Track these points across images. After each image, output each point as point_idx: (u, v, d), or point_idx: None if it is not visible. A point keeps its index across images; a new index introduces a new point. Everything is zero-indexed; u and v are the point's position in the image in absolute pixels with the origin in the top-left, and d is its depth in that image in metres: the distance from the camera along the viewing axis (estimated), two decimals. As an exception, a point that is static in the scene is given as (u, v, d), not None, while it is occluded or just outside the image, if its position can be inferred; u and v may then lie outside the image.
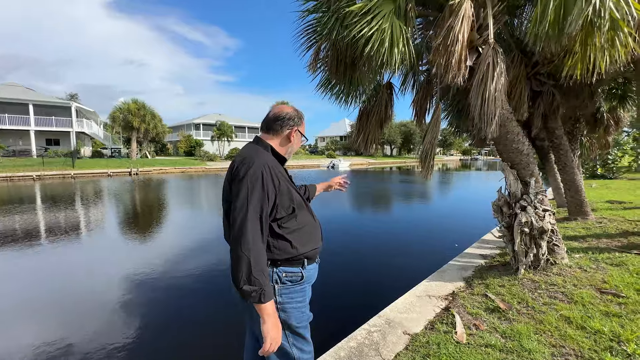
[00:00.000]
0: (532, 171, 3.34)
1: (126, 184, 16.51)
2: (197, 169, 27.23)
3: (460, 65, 2.54)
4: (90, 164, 23.52)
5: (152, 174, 23.14)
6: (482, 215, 8.50)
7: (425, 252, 5.46)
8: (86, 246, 6.04)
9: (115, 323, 3.22)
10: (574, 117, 7.18)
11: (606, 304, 2.54)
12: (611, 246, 3.94)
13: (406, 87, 4.81)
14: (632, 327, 2.18)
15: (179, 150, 37.43)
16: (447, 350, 2.09)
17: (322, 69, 3.47)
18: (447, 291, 3.08)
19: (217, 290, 3.97)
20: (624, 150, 14.64)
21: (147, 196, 12.62)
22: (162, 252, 5.48)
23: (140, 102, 29.07)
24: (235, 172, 1.22)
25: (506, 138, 3.33)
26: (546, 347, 2.06)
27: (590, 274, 3.11)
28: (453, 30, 2.41)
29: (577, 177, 5.68)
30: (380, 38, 2.48)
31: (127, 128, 28.78)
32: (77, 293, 3.97)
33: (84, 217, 8.44)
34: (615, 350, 1.97)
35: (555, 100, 5.46)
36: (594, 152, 10.29)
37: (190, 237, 6.72)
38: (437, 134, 3.57)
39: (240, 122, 44.97)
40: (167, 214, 9.19)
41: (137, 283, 4.15)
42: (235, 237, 1.14)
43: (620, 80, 6.96)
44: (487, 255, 4.13)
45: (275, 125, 1.37)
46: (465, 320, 2.51)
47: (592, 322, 2.28)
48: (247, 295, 1.12)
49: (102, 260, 5.24)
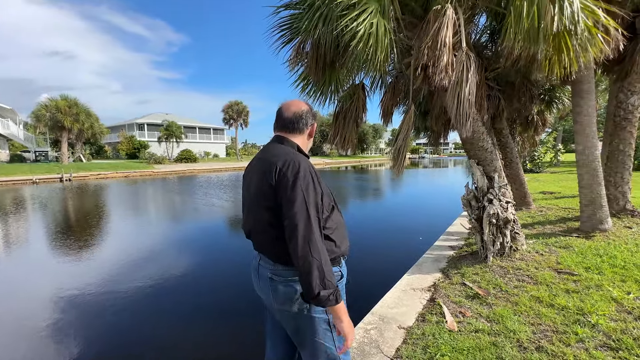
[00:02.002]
0: (495, 167, 3.66)
1: (57, 192, 14.47)
2: (143, 172, 24.97)
3: (448, 67, 2.68)
4: (8, 169, 20.17)
5: (89, 180, 20.64)
6: (441, 209, 9.15)
7: (394, 249, 5.67)
8: (10, 263, 5.13)
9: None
10: (511, 118, 8.09)
11: (565, 282, 2.88)
12: (555, 231, 4.50)
13: (374, 88, 4.96)
14: (590, 301, 2.51)
15: (120, 153, 34.01)
16: (443, 340, 2.18)
17: (301, 66, 3.41)
18: (428, 283, 3.23)
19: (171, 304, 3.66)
20: (547, 147, 16.90)
21: (83, 205, 11.20)
22: (111, 269, 4.89)
23: (71, 99, 25.75)
24: (282, 176, 1.15)
25: (473, 137, 3.60)
26: (527, 326, 2.26)
27: (546, 257, 3.51)
28: (440, 33, 2.53)
29: (520, 172, 6.40)
30: (368, 33, 2.51)
31: (55, 128, 25.27)
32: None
33: (7, 232, 7.18)
34: (582, 323, 2.24)
35: (501, 104, 6.09)
36: (526, 149, 11.71)
37: (137, 247, 6.11)
38: (409, 132, 3.72)
39: (191, 122, 42.43)
40: (109, 223, 8.25)
41: (67, 303, 3.64)
42: (302, 244, 1.07)
43: (547, 87, 8.00)
44: (455, 246, 4.42)
45: (300, 124, 1.32)
46: (451, 309, 2.64)
47: (558, 300, 2.57)
48: (325, 300, 1.07)
49: (30, 279, 4.50)
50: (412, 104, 3.76)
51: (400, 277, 3.44)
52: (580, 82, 4.12)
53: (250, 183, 1.29)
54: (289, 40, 3.59)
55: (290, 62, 3.20)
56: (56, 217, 9.03)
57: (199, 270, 4.75)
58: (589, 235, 4.10)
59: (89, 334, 3.07)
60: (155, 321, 3.30)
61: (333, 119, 4.08)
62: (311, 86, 3.61)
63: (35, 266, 5.11)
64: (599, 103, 14.16)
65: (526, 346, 2.05)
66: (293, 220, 1.09)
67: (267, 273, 1.24)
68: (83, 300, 3.71)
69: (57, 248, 5.94)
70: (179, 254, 5.63)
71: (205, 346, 2.84)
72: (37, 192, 14.61)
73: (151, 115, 41.48)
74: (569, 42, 2.39)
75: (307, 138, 1.37)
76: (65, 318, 3.33)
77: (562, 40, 2.40)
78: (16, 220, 8.52)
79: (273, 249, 1.21)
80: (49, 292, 3.97)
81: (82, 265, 5.00)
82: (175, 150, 33.89)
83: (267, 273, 1.24)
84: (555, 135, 17.73)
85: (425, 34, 2.68)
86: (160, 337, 3.02)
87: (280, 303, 1.22)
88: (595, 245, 3.69)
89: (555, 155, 17.17)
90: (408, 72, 3.63)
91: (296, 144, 1.32)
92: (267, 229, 1.21)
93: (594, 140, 4.14)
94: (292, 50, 3.19)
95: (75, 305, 3.60)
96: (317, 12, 2.82)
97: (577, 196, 4.29)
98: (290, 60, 3.20)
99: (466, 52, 2.91)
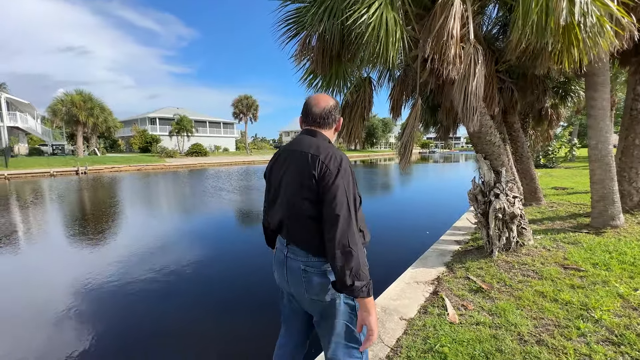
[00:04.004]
0: (503, 161, 3.62)
1: (74, 184, 14.95)
2: (155, 166, 25.50)
3: (456, 59, 2.66)
4: (27, 162, 20.89)
5: (103, 173, 21.22)
6: (448, 203, 9.08)
7: (401, 241, 5.69)
8: (42, 253, 5.38)
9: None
10: (524, 112, 7.90)
11: (570, 278, 2.86)
12: (565, 227, 4.43)
13: (382, 82, 4.92)
14: (595, 297, 2.49)
15: (133, 147, 34.72)
16: (444, 331, 2.21)
17: (307, 60, 3.42)
18: (432, 276, 3.25)
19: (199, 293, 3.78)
20: (562, 142, 16.46)
21: (101, 196, 11.55)
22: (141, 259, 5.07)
23: (86, 94, 26.35)
24: (325, 168, 1.18)
25: (480, 131, 3.56)
26: (528, 320, 2.27)
27: (552, 252, 3.47)
28: (447, 26, 2.51)
29: (531, 167, 6.28)
30: (378, 25, 2.50)
31: (71, 122, 25.97)
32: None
33: (31, 223, 7.50)
34: (585, 318, 2.23)
35: (514, 97, 5.96)
36: (539, 144, 11.43)
37: (164, 240, 6.30)
38: (415, 127, 3.71)
39: (201, 116, 42.88)
40: (125, 213, 8.50)
41: (94, 294, 3.81)
42: (342, 234, 1.10)
43: (562, 80, 7.76)
44: (460, 241, 4.41)
45: (330, 119, 1.36)
46: (453, 302, 2.67)
47: (562, 295, 2.56)
48: (358, 291, 1.11)
49: (51, 266, 4.71)
50: (419, 98, 3.73)
51: (405, 270, 3.47)
52: (595, 75, 4.00)
53: (284, 175, 1.30)
54: (295, 34, 3.60)
55: (296, 56, 3.22)
56: (76, 208, 9.37)
57: (208, 260, 4.88)
58: (599, 231, 4.02)
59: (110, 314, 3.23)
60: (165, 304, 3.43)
61: (340, 113, 4.09)
62: (317, 80, 3.63)
63: (56, 254, 5.35)
64: (618, 96, 13.67)
65: (527, 339, 2.06)
66: (335, 211, 1.11)
67: (298, 265, 1.26)
68: (103, 283, 3.89)
69: (79, 236, 6.18)
70: (190, 242, 5.79)
71: (218, 336, 2.95)
72: (56, 184, 15.13)
73: (163, 110, 42.09)
74: (579, 35, 2.33)
75: (334, 132, 1.42)
76: (85, 299, 3.50)
77: (571, 33, 2.34)
78: (40, 211, 8.88)
79: (311, 240, 1.23)
80: (68, 277, 4.17)
81: (103, 252, 5.20)
82: (186, 144, 34.41)
83: (298, 265, 1.26)
84: (571, 129, 17.20)
85: (433, 25, 2.65)
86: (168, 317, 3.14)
87: (315, 294, 1.25)
88: (605, 242, 3.63)
89: (570, 150, 16.70)
90: (415, 66, 3.60)
91: (327, 137, 1.36)
92: (305, 220, 1.22)
93: (608, 135, 4.04)
94: (298, 44, 3.20)
95: (96, 288, 3.77)
96: (323, 5, 2.83)
97: (590, 192, 4.20)
98: (296, 54, 3.21)
99: (474, 44, 2.88)
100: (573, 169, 14.18)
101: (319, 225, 1.17)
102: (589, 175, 4.27)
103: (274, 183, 1.36)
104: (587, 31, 2.29)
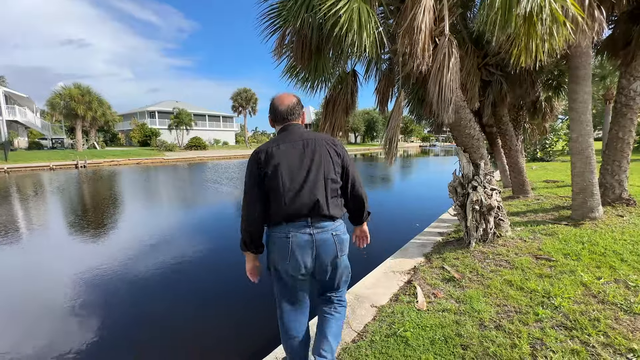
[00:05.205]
0: (482, 154, 3.68)
1: (73, 178, 15.08)
2: (154, 159, 25.60)
3: (424, 53, 2.70)
4: (27, 156, 21.03)
5: (102, 166, 21.35)
6: (439, 196, 9.14)
7: (389, 233, 5.79)
8: (45, 245, 5.52)
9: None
10: (517, 105, 7.90)
11: (540, 267, 2.94)
12: (546, 219, 4.51)
13: (369, 75, 4.94)
14: (559, 285, 2.58)
15: (132, 140, 34.79)
16: (410, 318, 2.31)
17: (287, 55, 3.46)
18: (409, 266, 3.35)
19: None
20: (559, 135, 16.41)
21: (100, 190, 11.68)
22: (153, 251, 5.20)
23: (84, 88, 26.30)
24: (341, 147, 1.63)
25: (459, 124, 3.62)
26: (492, 307, 2.36)
27: (528, 243, 3.56)
28: (416, 19, 2.55)
29: (520, 160, 6.33)
30: (350, 18, 2.54)
31: (70, 116, 26.00)
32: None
33: (31, 216, 7.64)
34: (546, 304, 2.32)
35: (502, 89, 5.97)
36: (535, 137, 11.42)
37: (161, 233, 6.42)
38: (399, 120, 3.75)
39: (201, 110, 42.80)
40: (123, 206, 8.63)
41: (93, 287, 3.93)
42: (361, 185, 1.66)
43: (556, 73, 7.74)
44: (443, 233, 4.50)
45: (296, 113, 1.66)
46: (425, 290, 2.76)
47: (528, 283, 2.65)
48: (368, 215, 1.77)
49: (52, 258, 4.84)
50: (401, 91, 3.77)
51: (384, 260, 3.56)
52: (577, 68, 4.03)
53: (313, 162, 1.51)
54: (278, 27, 3.63)
55: (276, 51, 3.26)
56: (75, 201, 9.49)
57: (208, 251, 5.00)
58: (577, 223, 4.10)
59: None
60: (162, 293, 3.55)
61: (323, 107, 4.14)
62: (298, 75, 3.67)
63: (57, 246, 5.48)
64: (613, 89, 13.58)
65: (487, 325, 2.15)
66: (357, 176, 1.64)
67: (329, 234, 1.52)
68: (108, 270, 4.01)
69: (78, 227, 6.31)
70: (188, 233, 5.91)
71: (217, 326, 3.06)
72: (55, 177, 15.27)
73: (162, 103, 42.01)
74: (536, 29, 2.36)
75: (302, 123, 1.71)
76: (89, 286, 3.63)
77: (530, 27, 2.37)
78: (40, 204, 9.01)
79: (339, 207, 1.59)
80: (68, 268, 4.30)
81: (104, 243, 5.33)
82: (185, 138, 34.44)
83: (329, 234, 1.52)
84: (569, 123, 17.12)
85: (404, 19, 2.69)
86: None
87: (343, 250, 1.58)
88: (581, 233, 3.71)
89: (567, 143, 16.65)
90: (396, 59, 3.64)
91: None
92: (336, 192, 1.55)
93: (589, 128, 4.08)
94: (277, 40, 3.24)
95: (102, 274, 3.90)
96: (299, 0, 2.86)
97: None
98: (276, 49, 3.25)
99: (449, 37, 2.91)
100: (569, 162, 14.19)
101: (341, 193, 1.58)
102: (571, 168, 4.32)
103: (295, 173, 1.48)
104: (542, 26, 2.33)
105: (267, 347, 2.21)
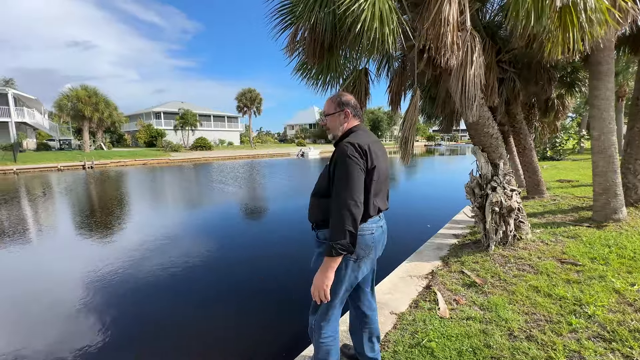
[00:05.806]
0: (500, 154, 3.54)
1: (81, 179, 15.17)
2: (160, 160, 25.71)
3: (453, 47, 2.58)
4: (35, 157, 21.23)
5: (109, 167, 21.48)
6: (448, 197, 8.98)
7: (401, 235, 5.66)
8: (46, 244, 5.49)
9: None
10: (529, 103, 7.71)
11: (566, 272, 2.81)
12: (565, 220, 4.35)
13: (380, 73, 4.82)
14: (590, 292, 2.44)
15: (139, 141, 35.01)
16: (433, 326, 2.19)
17: (299, 53, 3.36)
18: (426, 270, 3.22)
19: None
20: (569, 134, 16.09)
21: (108, 190, 11.71)
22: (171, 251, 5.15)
23: (91, 89, 26.49)
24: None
25: (478, 122, 3.48)
26: (520, 315, 2.24)
27: (551, 246, 3.41)
28: (443, 12, 2.43)
29: (534, 159, 6.16)
30: (372, 13, 2.42)
31: (77, 117, 26.22)
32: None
33: (41, 217, 7.65)
34: (578, 313, 2.19)
35: (516, 87, 5.80)
36: (545, 135, 11.18)
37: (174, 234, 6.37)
38: (415, 120, 3.63)
39: (206, 110, 42.93)
40: (131, 207, 8.61)
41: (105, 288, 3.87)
42: None
43: (569, 70, 7.54)
44: (459, 235, 4.37)
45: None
46: (445, 296, 2.64)
47: (556, 290, 2.51)
48: None
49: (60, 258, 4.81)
50: (417, 89, 3.64)
51: (400, 264, 3.44)
52: (599, 64, 3.86)
53: (385, 163, 1.59)
54: (290, 24, 3.53)
55: (287, 49, 3.16)
56: (83, 202, 9.51)
57: (215, 251, 4.93)
58: (600, 225, 3.94)
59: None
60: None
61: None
62: (310, 72, 3.56)
63: (64, 246, 5.45)
64: (630, 86, 13.28)
65: (516, 335, 2.03)
66: None
67: (386, 226, 1.69)
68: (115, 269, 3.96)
69: (86, 228, 6.29)
70: (193, 234, 5.85)
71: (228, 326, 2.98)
72: (63, 178, 15.38)
73: (167, 104, 42.22)
74: (574, 18, 2.22)
75: None
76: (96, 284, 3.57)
77: (567, 16, 2.23)
78: (49, 204, 9.04)
79: None
80: (75, 267, 4.25)
81: (111, 243, 5.29)
82: (190, 138, 34.55)
83: (386, 226, 1.69)
84: (579, 120, 16.78)
85: (428, 13, 2.57)
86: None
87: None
88: (606, 235, 3.55)
89: (578, 141, 16.34)
90: (412, 55, 3.51)
91: None
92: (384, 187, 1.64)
93: (611, 126, 3.92)
94: (289, 36, 3.13)
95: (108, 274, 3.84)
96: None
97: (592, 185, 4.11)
98: (287, 47, 3.15)
99: (471, 32, 2.79)
100: (580, 161, 13.90)
101: None
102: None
103: (382, 172, 1.56)
104: (583, 14, 2.18)
105: (269, 347, 2.12)
